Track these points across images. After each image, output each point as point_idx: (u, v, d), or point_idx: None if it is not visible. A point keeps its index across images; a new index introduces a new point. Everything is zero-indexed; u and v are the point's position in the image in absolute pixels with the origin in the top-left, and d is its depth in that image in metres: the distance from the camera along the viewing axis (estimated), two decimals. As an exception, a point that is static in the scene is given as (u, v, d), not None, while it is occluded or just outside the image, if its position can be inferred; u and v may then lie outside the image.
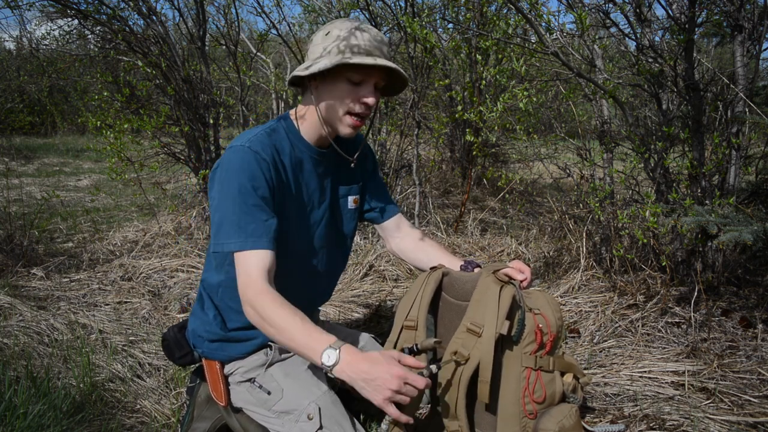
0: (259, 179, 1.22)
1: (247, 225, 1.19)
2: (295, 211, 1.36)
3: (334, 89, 1.26)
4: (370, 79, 1.26)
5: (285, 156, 1.32)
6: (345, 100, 1.27)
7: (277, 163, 1.28)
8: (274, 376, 1.37)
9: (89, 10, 3.52)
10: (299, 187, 1.36)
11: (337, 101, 1.27)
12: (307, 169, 1.37)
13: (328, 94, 1.28)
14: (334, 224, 1.48)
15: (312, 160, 1.38)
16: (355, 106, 1.27)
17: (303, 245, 1.41)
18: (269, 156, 1.25)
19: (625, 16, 2.56)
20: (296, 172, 1.35)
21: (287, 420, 1.31)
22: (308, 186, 1.38)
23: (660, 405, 1.66)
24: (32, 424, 1.50)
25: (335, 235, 1.49)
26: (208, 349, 1.41)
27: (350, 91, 1.26)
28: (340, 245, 1.52)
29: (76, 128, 12.13)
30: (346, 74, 1.24)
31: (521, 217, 4.43)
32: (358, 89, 1.26)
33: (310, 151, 1.37)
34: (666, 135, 2.42)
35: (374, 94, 1.27)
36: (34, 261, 3.12)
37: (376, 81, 1.28)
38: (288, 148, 1.33)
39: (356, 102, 1.27)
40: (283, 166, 1.31)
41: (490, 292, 1.18)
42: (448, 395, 1.18)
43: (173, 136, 4.20)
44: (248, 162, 1.22)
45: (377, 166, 1.61)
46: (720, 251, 2.39)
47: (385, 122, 3.70)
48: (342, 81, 1.25)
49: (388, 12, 3.65)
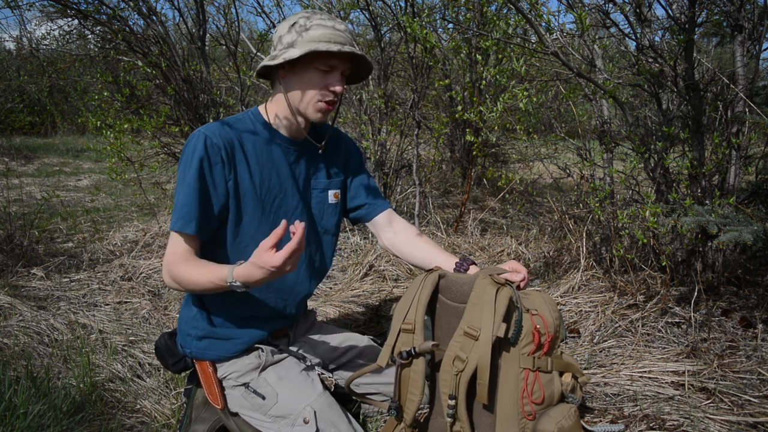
0: (205, 163, 1.25)
1: (182, 206, 1.24)
2: (263, 197, 1.36)
3: (303, 78, 1.29)
4: (338, 67, 1.29)
5: (248, 142, 1.34)
6: (314, 88, 1.29)
7: (234, 148, 1.30)
8: (268, 381, 1.37)
9: (89, 10, 3.52)
10: (267, 173, 1.36)
11: (306, 89, 1.30)
12: (277, 156, 1.38)
13: (297, 82, 1.30)
14: (310, 217, 1.47)
15: (282, 148, 1.39)
16: (324, 94, 1.30)
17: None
18: (222, 140, 1.27)
19: (625, 16, 2.56)
20: (262, 157, 1.35)
21: (283, 424, 1.31)
22: (279, 173, 1.38)
23: (660, 405, 1.66)
24: (32, 424, 1.50)
25: (312, 229, 1.48)
26: (197, 349, 1.40)
27: (319, 79, 1.28)
28: (319, 240, 1.51)
29: (76, 128, 12.14)
30: (314, 63, 1.26)
31: (521, 217, 4.43)
32: (326, 77, 1.29)
33: (280, 139, 1.38)
34: (666, 135, 2.42)
35: (341, 82, 1.30)
36: (34, 261, 3.12)
37: (345, 68, 1.31)
38: (253, 135, 1.35)
39: (325, 90, 1.30)
40: (243, 150, 1.32)
41: (487, 294, 1.17)
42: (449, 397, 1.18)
43: (173, 136, 4.20)
44: (198, 147, 1.25)
45: (363, 163, 1.61)
46: (720, 251, 2.39)
47: (385, 122, 3.70)
48: (310, 70, 1.28)
49: (388, 12, 3.65)
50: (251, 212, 1.34)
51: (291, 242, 1.05)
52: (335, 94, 1.30)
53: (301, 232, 1.04)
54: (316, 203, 1.48)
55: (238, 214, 1.33)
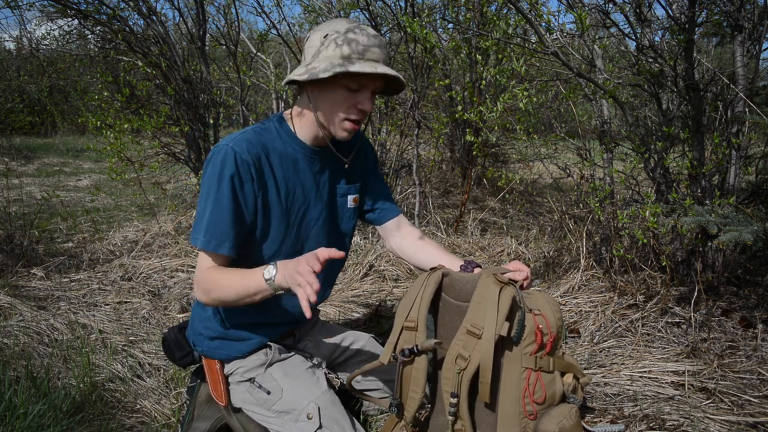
0: (236, 181, 1.23)
1: (215, 226, 1.23)
2: (288, 210, 1.35)
3: (332, 96, 1.25)
4: (368, 86, 1.25)
5: (275, 155, 1.31)
6: (342, 107, 1.26)
7: (262, 163, 1.28)
8: (274, 376, 1.37)
9: (89, 10, 3.52)
10: (293, 186, 1.35)
11: (334, 107, 1.26)
12: (302, 167, 1.36)
13: (325, 100, 1.27)
14: (333, 223, 1.48)
15: (307, 159, 1.37)
16: (352, 113, 1.27)
17: (298, 244, 1.40)
18: (251, 156, 1.25)
19: (625, 16, 2.56)
20: (288, 170, 1.34)
21: (287, 420, 1.31)
22: (304, 184, 1.37)
23: (660, 405, 1.66)
24: (32, 424, 1.50)
25: (333, 234, 1.48)
26: (207, 348, 1.41)
27: (347, 97, 1.25)
28: (338, 244, 1.51)
29: (76, 128, 12.13)
30: (344, 81, 1.22)
31: (521, 217, 4.43)
32: (356, 95, 1.25)
33: (304, 150, 1.36)
34: (666, 135, 2.42)
35: (371, 101, 1.26)
36: (34, 261, 3.12)
37: (376, 87, 1.27)
38: (280, 147, 1.33)
39: (353, 108, 1.26)
40: (270, 165, 1.30)
41: (490, 293, 1.17)
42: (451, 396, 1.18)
43: (173, 136, 4.20)
44: (228, 163, 1.23)
45: (378, 165, 1.61)
46: (720, 251, 2.39)
47: (385, 122, 3.70)
48: (340, 88, 1.24)
49: (388, 12, 3.65)
50: (277, 226, 1.34)
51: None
52: (363, 112, 1.27)
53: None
54: (336, 210, 1.48)
55: (265, 229, 1.32)
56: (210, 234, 1.23)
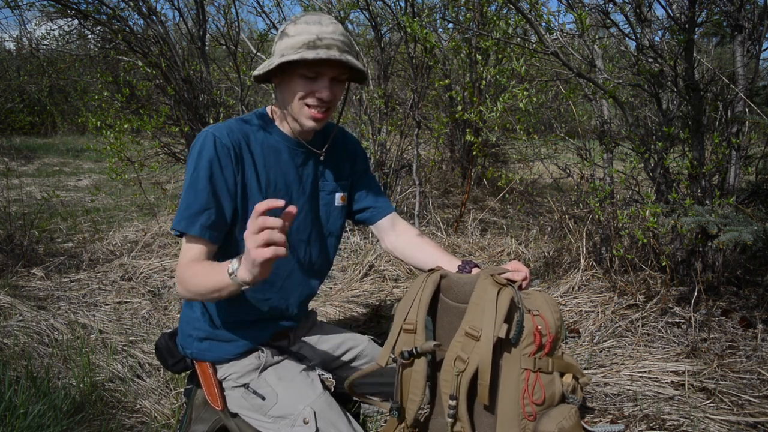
0: (214, 164, 1.24)
1: (186, 208, 1.23)
2: (267, 198, 1.34)
3: (292, 86, 1.27)
4: (326, 74, 1.26)
5: (256, 144, 1.33)
6: (299, 96, 1.27)
7: (242, 150, 1.29)
8: (268, 381, 1.37)
9: (89, 10, 3.52)
10: (274, 176, 1.35)
11: (293, 97, 1.28)
12: (285, 158, 1.37)
13: (287, 91, 1.29)
14: (316, 219, 1.47)
15: (290, 150, 1.38)
16: (310, 101, 1.28)
17: None
18: (231, 141, 1.27)
19: (625, 16, 2.56)
20: (269, 160, 1.35)
21: (283, 425, 1.31)
22: (286, 176, 1.38)
23: (660, 405, 1.66)
24: (32, 424, 1.50)
25: (317, 231, 1.47)
26: (197, 350, 1.40)
27: (304, 85, 1.26)
28: (323, 242, 1.50)
29: (76, 128, 12.13)
30: (300, 71, 1.24)
31: (521, 217, 4.43)
32: (313, 83, 1.26)
33: (287, 142, 1.38)
34: (666, 135, 2.42)
35: (329, 89, 1.26)
36: (34, 261, 3.12)
37: (335, 74, 1.27)
38: (261, 136, 1.34)
39: (311, 96, 1.27)
40: (251, 153, 1.31)
41: (488, 295, 1.17)
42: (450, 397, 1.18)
43: (173, 136, 4.20)
44: (207, 147, 1.24)
45: (368, 165, 1.60)
46: (720, 251, 2.39)
47: (385, 122, 3.70)
48: (297, 77, 1.26)
49: (388, 12, 3.65)
50: None
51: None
52: (321, 100, 1.27)
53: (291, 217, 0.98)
54: (323, 206, 1.48)
55: (245, 217, 1.31)
56: (181, 214, 1.23)
